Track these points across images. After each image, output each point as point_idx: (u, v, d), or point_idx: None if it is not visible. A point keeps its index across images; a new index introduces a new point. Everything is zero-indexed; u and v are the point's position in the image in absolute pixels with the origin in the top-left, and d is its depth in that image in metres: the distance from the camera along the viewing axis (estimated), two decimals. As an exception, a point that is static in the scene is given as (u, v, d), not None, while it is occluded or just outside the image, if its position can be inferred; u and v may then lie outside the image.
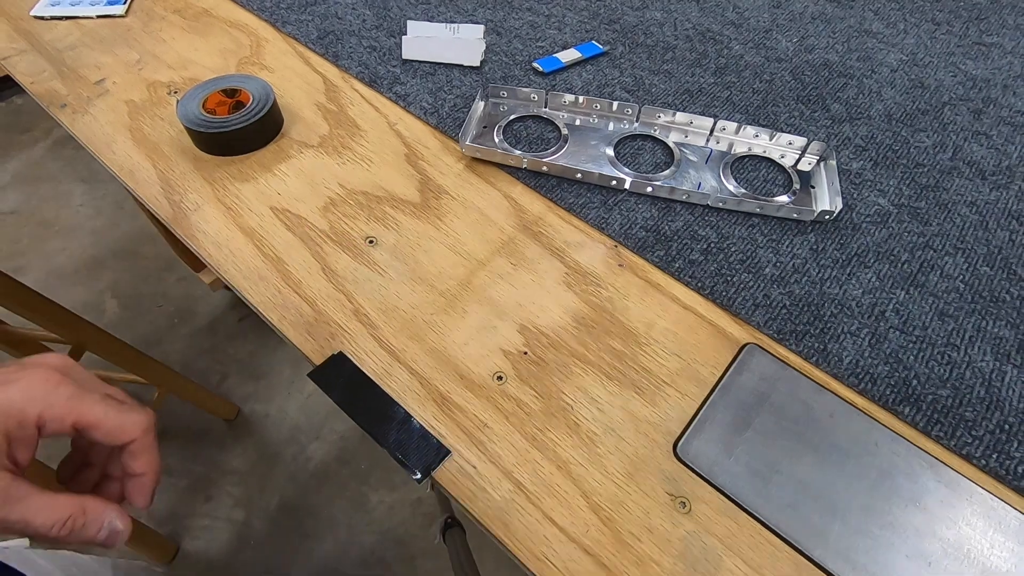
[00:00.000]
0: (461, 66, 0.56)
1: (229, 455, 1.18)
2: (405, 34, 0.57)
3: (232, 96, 0.49)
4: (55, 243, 1.53)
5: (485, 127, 0.50)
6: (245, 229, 0.43)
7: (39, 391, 0.25)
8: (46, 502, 0.26)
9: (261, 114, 0.48)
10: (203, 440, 1.20)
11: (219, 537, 1.09)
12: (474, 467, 0.33)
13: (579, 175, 0.46)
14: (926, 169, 0.49)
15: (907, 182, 0.48)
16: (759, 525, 0.32)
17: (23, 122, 1.84)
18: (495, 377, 0.37)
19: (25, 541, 0.52)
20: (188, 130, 0.47)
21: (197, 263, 1.31)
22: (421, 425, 0.34)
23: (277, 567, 1.06)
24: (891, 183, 0.48)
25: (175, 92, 0.53)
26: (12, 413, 0.24)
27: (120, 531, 0.27)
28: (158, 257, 1.50)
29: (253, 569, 1.06)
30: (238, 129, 0.47)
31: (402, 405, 0.35)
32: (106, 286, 1.44)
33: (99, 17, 0.61)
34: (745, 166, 0.49)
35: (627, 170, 0.47)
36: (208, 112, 0.48)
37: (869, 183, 0.48)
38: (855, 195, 0.47)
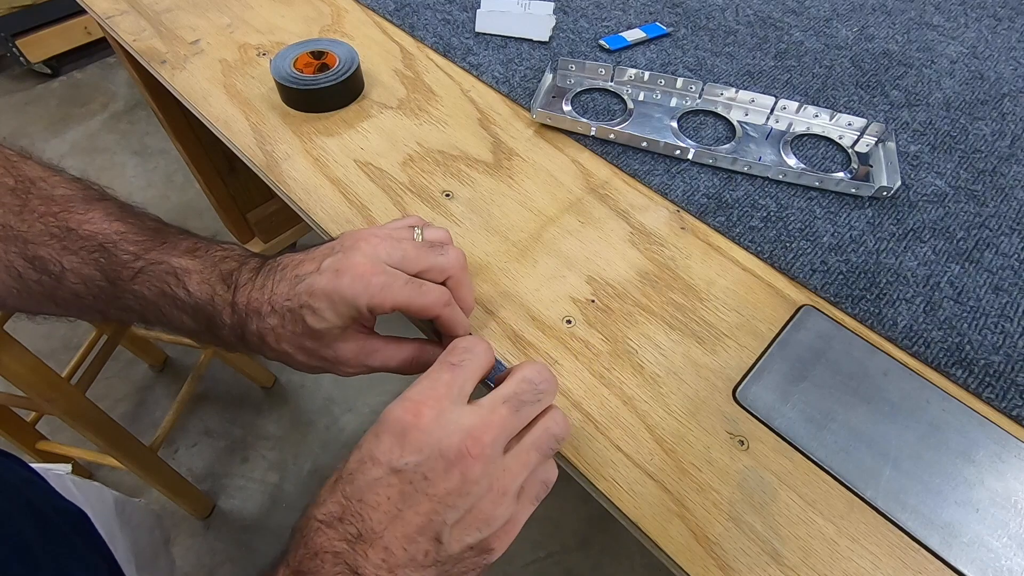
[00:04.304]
0: (531, 40, 0.59)
1: (265, 420, 1.23)
2: (479, 8, 0.60)
3: (319, 58, 0.52)
4: (109, 211, 1.60)
5: (554, 97, 0.53)
6: (332, 178, 0.47)
7: (360, 285, 0.31)
8: (395, 349, 0.35)
9: (346, 75, 0.51)
10: (242, 404, 1.25)
11: (253, 497, 1.13)
12: (546, 397, 0.36)
13: (644, 144, 0.49)
14: (983, 155, 0.50)
15: (964, 166, 0.49)
16: (813, 465, 0.34)
17: (81, 96, 1.93)
18: (564, 320, 0.39)
19: (68, 467, 0.55)
20: (279, 86, 0.51)
21: (245, 235, 1.36)
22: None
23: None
24: (948, 166, 0.49)
25: (264, 54, 0.57)
26: (350, 300, 0.31)
27: None
28: (205, 229, 1.56)
29: (284, 530, 1.10)
30: (325, 88, 0.50)
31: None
32: (156, 254, 1.50)
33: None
34: (804, 144, 0.50)
35: (690, 141, 0.49)
36: (297, 71, 0.51)
37: (927, 165, 0.49)
38: (912, 176, 0.49)
